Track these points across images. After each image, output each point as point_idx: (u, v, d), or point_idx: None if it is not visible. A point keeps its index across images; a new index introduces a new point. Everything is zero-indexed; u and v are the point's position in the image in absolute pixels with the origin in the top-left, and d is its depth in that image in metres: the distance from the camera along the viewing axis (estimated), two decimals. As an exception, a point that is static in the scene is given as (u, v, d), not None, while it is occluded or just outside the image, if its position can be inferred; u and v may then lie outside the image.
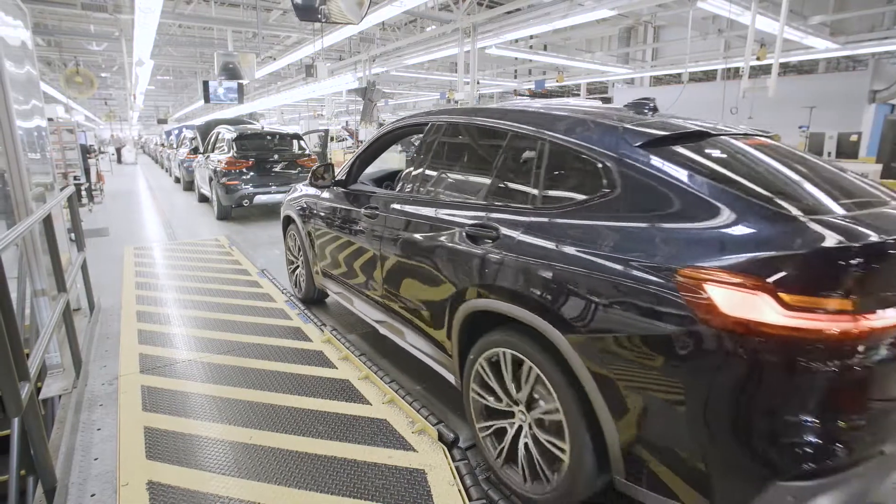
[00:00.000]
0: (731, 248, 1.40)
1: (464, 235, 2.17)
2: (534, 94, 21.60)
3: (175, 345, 3.28)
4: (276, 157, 8.25)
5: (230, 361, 3.04)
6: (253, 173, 7.87)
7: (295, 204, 4.06)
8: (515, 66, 18.52)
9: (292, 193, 4.23)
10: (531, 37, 12.39)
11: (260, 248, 6.28)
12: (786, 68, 14.68)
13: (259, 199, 7.88)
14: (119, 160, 24.38)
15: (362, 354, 3.08)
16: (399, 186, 2.85)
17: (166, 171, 18.41)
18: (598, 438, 1.69)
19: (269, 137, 8.80)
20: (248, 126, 9.44)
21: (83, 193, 9.32)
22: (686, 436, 1.46)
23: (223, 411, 2.50)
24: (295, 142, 8.99)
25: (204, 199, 10.05)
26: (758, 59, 9.11)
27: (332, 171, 3.62)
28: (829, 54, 11.07)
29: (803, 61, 13.63)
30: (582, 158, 1.87)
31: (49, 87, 15.54)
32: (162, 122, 27.44)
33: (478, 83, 13.16)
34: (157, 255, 5.72)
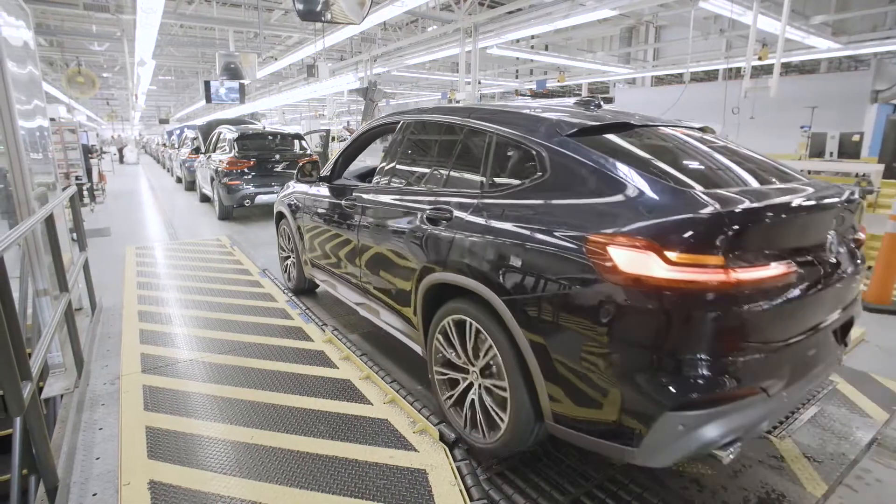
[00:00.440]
0: (629, 217, 1.69)
1: (424, 218, 2.49)
2: (535, 94, 21.60)
3: (177, 344, 3.29)
4: (277, 157, 8.26)
5: (232, 361, 3.04)
6: (254, 173, 7.88)
7: (286, 200, 4.33)
8: (517, 66, 18.51)
9: (284, 190, 4.48)
10: (532, 37, 12.39)
11: (261, 247, 6.28)
12: (787, 68, 14.66)
13: (260, 199, 7.88)
14: (121, 160, 24.42)
15: (363, 354, 3.08)
16: (374, 179, 3.15)
17: (168, 171, 18.44)
18: (532, 388, 1.96)
19: (270, 137, 8.81)
20: (250, 126, 9.45)
21: (85, 193, 9.34)
22: (595, 377, 1.73)
23: (225, 411, 2.50)
24: (296, 142, 9.00)
25: (205, 198, 10.06)
26: (759, 59, 9.09)
27: (318, 168, 3.90)
28: (831, 54, 11.05)
29: (805, 61, 13.60)
30: (521, 148, 2.19)
31: (51, 87, 15.57)
32: (164, 122, 27.50)
33: (479, 83, 13.15)
34: (159, 255, 5.72)
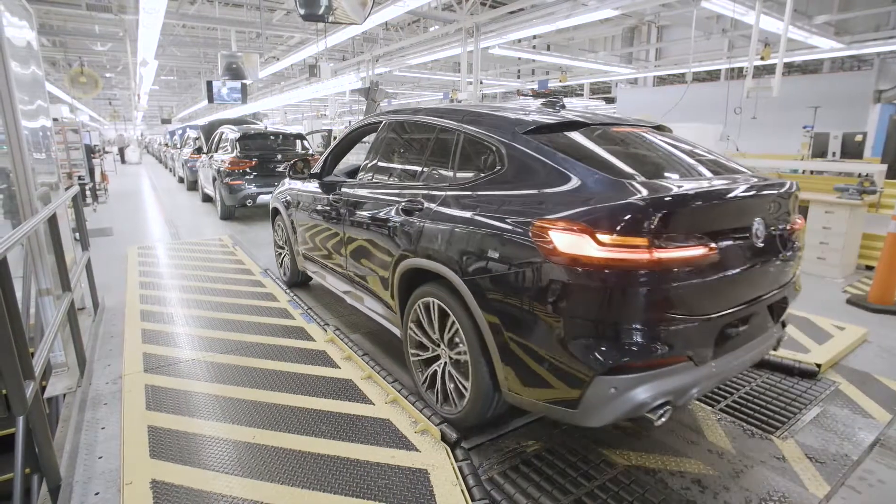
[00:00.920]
0: (569, 205, 1.92)
1: (400, 210, 2.73)
2: (536, 94, 21.57)
3: (179, 344, 3.29)
4: (279, 157, 8.26)
5: (233, 361, 3.05)
6: (256, 173, 7.88)
7: (280, 196, 4.58)
8: (518, 65, 18.48)
9: (279, 188, 4.73)
10: (534, 37, 12.38)
11: (263, 247, 6.29)
12: (790, 68, 14.62)
13: (262, 198, 7.88)
14: (123, 160, 24.44)
15: (365, 354, 3.08)
16: (358, 175, 3.41)
17: (170, 170, 18.47)
18: (490, 360, 2.18)
19: (272, 137, 8.81)
20: (252, 126, 9.45)
21: (87, 193, 9.36)
22: (540, 348, 1.95)
23: (227, 411, 2.51)
24: (298, 142, 9.00)
25: (207, 198, 10.08)
26: (762, 58, 9.07)
27: (309, 165, 4.17)
28: (834, 54, 11.02)
29: (808, 61, 13.57)
30: (483, 144, 2.43)
31: (54, 87, 15.60)
32: (166, 122, 27.49)
33: (481, 83, 13.15)
34: (161, 255, 5.74)
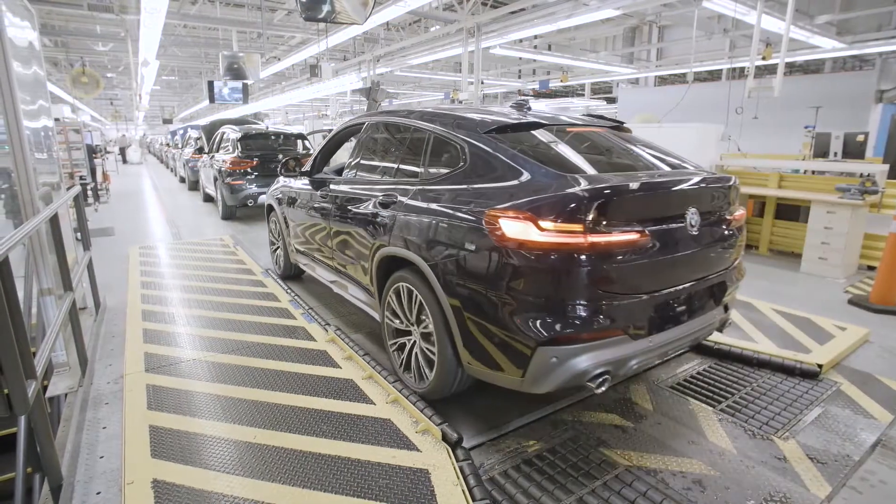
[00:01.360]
0: (518, 196, 2.16)
1: (377, 203, 2.96)
2: (538, 94, 21.57)
3: (180, 344, 3.30)
4: (280, 156, 8.25)
5: (235, 361, 3.05)
6: (257, 173, 7.89)
7: (274, 193, 4.84)
8: (520, 65, 18.47)
9: (274, 185, 4.96)
10: (535, 37, 12.37)
11: (264, 247, 6.29)
12: (792, 68, 14.59)
13: (263, 198, 7.86)
14: (124, 160, 24.47)
15: (366, 354, 3.08)
16: (344, 173, 3.67)
17: (171, 170, 18.49)
18: (452, 337, 2.40)
19: (273, 137, 8.81)
20: (253, 126, 9.46)
21: (89, 193, 9.38)
22: (493, 323, 2.18)
23: (228, 410, 2.51)
24: (299, 142, 9.01)
25: (209, 198, 10.08)
26: (763, 58, 9.05)
27: (300, 164, 4.39)
28: (836, 54, 11.00)
29: (809, 61, 13.54)
30: (450, 143, 2.67)
31: (55, 87, 15.63)
32: (167, 121, 27.52)
33: (482, 83, 13.15)
34: (162, 255, 5.74)
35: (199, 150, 11.17)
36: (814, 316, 3.87)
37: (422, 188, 2.69)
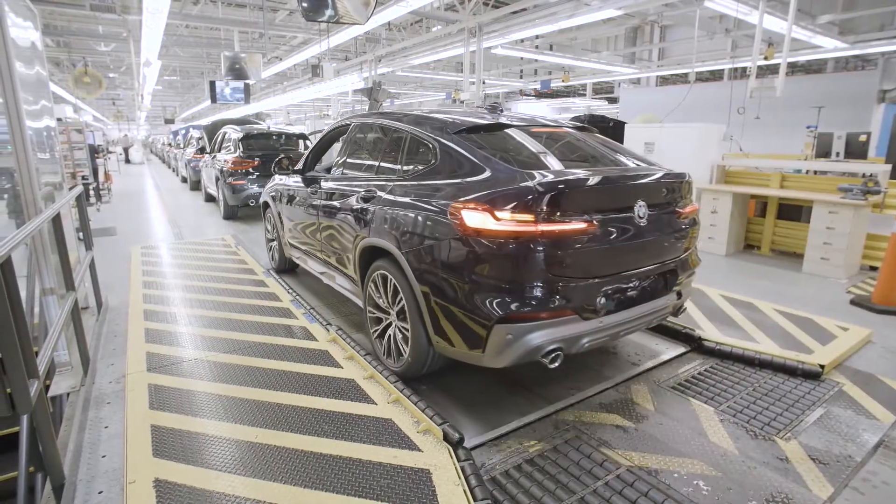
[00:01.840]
0: (479, 190, 2.39)
1: (359, 199, 3.18)
2: (539, 94, 21.55)
3: (182, 343, 3.30)
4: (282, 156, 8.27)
5: (236, 360, 3.05)
6: (259, 173, 7.89)
7: (270, 191, 5.06)
8: (521, 65, 18.46)
9: (269, 183, 5.16)
10: (537, 37, 12.36)
11: (265, 247, 6.29)
12: (794, 68, 14.55)
13: (264, 197, 7.91)
14: (127, 160, 24.52)
15: (367, 354, 3.08)
16: (332, 170, 3.90)
17: (173, 170, 18.52)
18: (423, 320, 2.63)
19: (275, 137, 8.82)
20: (255, 126, 9.47)
21: (91, 193, 9.39)
22: (456, 305, 2.40)
23: (229, 410, 2.51)
24: (301, 142, 9.01)
25: (210, 198, 10.09)
26: (765, 58, 9.02)
27: (293, 162, 4.68)
28: (838, 54, 10.96)
29: (811, 61, 13.50)
30: (424, 143, 2.91)
31: (58, 87, 15.66)
32: (169, 122, 27.55)
33: (483, 83, 13.14)
34: (164, 255, 5.75)
35: (201, 150, 11.19)
36: (816, 316, 3.87)
37: (398, 184, 2.92)
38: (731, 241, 6.23)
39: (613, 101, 20.73)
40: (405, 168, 3.02)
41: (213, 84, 12.70)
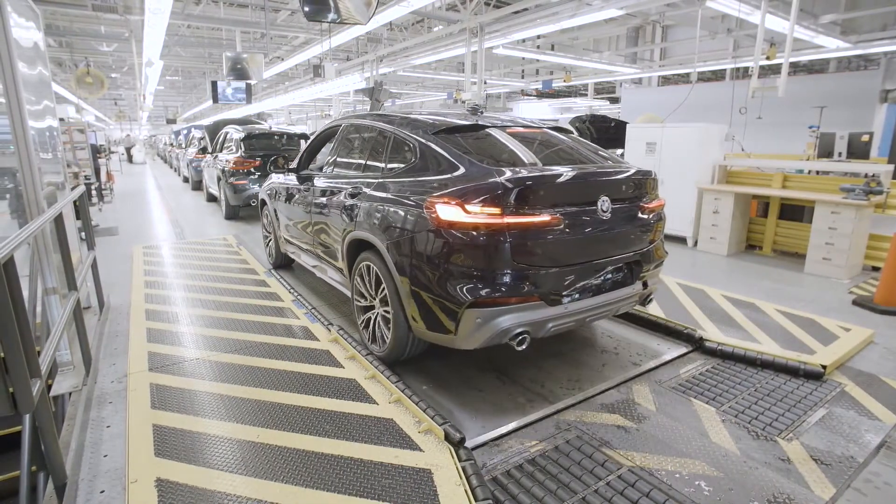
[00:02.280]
0: (453, 185, 2.58)
1: (347, 195, 3.36)
2: (541, 94, 21.53)
3: (183, 343, 3.31)
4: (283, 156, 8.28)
5: (238, 360, 3.06)
6: (260, 173, 7.90)
7: (266, 189, 5.22)
8: (523, 65, 18.45)
9: (266, 181, 5.30)
10: (538, 36, 12.35)
11: (267, 247, 6.30)
12: (796, 68, 14.52)
13: (264, 196, 7.91)
14: (129, 160, 24.57)
15: (369, 354, 3.08)
16: (324, 169, 4.06)
17: (175, 170, 18.55)
18: (403, 307, 2.80)
19: (276, 137, 8.83)
20: (256, 126, 9.48)
21: (93, 193, 9.41)
22: (431, 292, 2.58)
23: (231, 409, 2.51)
24: (303, 142, 9.02)
25: (212, 198, 10.11)
26: (767, 58, 9.02)
27: (288, 161, 4.42)
28: (840, 53, 10.93)
29: (814, 61, 13.47)
30: (406, 142, 3.09)
31: (60, 87, 15.69)
32: (171, 122, 27.58)
33: (485, 83, 13.13)
34: (166, 254, 5.76)
35: (203, 150, 11.20)
36: (818, 317, 3.86)
37: (382, 181, 3.10)
38: (733, 241, 6.22)
39: (615, 101, 20.71)
40: (389, 166, 3.19)
41: (214, 84, 12.72)
